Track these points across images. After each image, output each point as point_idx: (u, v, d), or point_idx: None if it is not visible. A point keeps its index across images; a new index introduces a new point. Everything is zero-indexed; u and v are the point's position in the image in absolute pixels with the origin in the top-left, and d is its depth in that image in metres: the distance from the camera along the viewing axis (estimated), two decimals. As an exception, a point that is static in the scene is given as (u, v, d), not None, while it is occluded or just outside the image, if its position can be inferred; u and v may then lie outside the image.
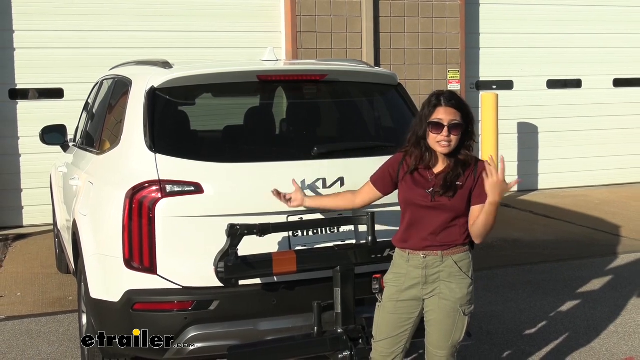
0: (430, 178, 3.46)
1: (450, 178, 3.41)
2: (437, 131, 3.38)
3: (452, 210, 3.40)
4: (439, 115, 3.38)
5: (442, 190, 3.40)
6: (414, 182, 3.48)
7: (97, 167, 4.62)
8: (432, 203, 3.42)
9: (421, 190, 3.45)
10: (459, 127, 3.39)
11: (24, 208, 9.30)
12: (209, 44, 9.67)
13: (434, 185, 3.43)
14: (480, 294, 6.02)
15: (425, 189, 3.44)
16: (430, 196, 3.42)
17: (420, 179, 3.48)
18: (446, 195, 3.40)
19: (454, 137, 3.38)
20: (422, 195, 3.44)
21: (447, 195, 3.40)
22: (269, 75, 4.45)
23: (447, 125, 3.36)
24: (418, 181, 3.48)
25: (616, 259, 7.46)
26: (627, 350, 5.05)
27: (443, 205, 3.40)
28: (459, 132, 3.39)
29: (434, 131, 3.39)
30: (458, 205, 3.41)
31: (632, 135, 12.07)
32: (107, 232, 4.00)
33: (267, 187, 3.99)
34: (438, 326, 3.46)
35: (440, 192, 3.40)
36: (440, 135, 3.38)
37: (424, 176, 3.48)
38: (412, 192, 3.47)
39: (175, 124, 4.27)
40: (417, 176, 3.49)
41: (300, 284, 3.96)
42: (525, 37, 11.33)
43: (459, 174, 3.42)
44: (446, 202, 3.40)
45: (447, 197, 3.40)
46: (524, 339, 5.27)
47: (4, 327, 5.65)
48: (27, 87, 9.23)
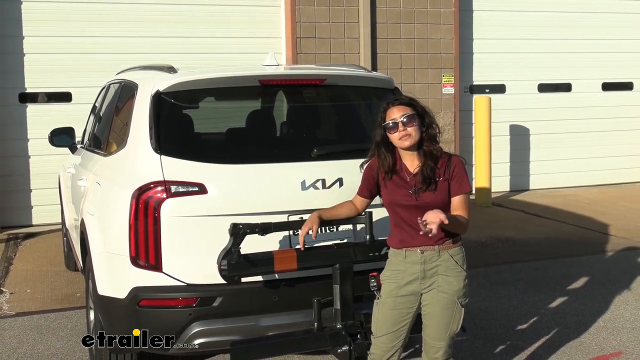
0: (408, 178, 3.49)
1: (426, 172, 3.43)
2: (394, 130, 3.44)
3: (436, 205, 3.40)
4: (392, 115, 3.45)
5: (424, 185, 3.43)
6: (395, 185, 3.51)
7: (104, 168, 4.62)
8: (417, 202, 3.44)
9: (404, 191, 3.47)
10: (412, 118, 3.43)
11: (33, 208, 9.29)
12: (212, 49, 9.66)
13: (414, 184, 3.45)
14: (474, 290, 6.02)
15: (407, 189, 3.45)
16: (413, 195, 3.44)
17: (400, 182, 3.51)
18: (429, 190, 3.42)
19: (411, 128, 3.42)
20: (405, 196, 3.46)
21: (429, 189, 3.42)
22: (270, 80, 4.45)
23: (400, 121, 3.41)
24: (398, 184, 3.51)
25: (605, 256, 7.47)
26: (616, 345, 5.05)
27: (427, 201, 3.42)
28: (414, 124, 3.43)
29: (392, 131, 3.45)
30: (441, 198, 3.43)
31: (620, 137, 12.08)
32: (114, 231, 4.00)
33: (269, 187, 4.00)
34: (437, 319, 3.47)
35: (423, 188, 3.43)
36: (398, 132, 3.42)
37: (402, 178, 3.51)
38: (396, 195, 3.50)
39: (179, 126, 4.27)
40: (396, 179, 3.52)
41: (301, 281, 3.97)
42: (517, 43, 11.33)
43: (432, 166, 3.44)
44: (430, 198, 3.42)
45: (430, 192, 3.42)
46: (516, 334, 5.27)
47: (14, 322, 5.64)
48: (36, 91, 9.23)
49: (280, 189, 4.01)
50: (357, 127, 4.74)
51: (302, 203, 4.04)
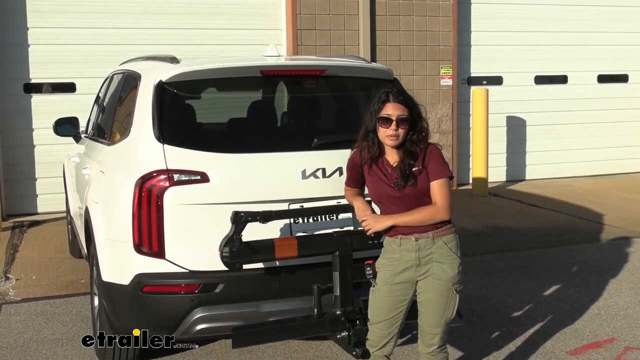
0: (390, 171, 3.49)
1: (404, 168, 3.43)
2: (386, 125, 3.43)
3: (420, 194, 3.42)
4: (388, 111, 3.43)
5: (403, 181, 3.43)
6: (378, 178, 3.51)
7: (107, 157, 4.62)
8: (401, 193, 3.44)
9: (386, 184, 3.48)
10: (406, 122, 3.44)
11: (39, 196, 9.29)
12: (214, 40, 9.64)
13: (395, 178, 3.45)
14: (471, 278, 6.03)
15: (389, 183, 3.46)
16: (397, 188, 3.44)
17: (381, 174, 3.51)
18: (408, 185, 3.42)
19: (402, 130, 3.43)
20: (390, 188, 3.47)
21: (409, 185, 3.42)
22: (271, 70, 4.44)
23: (395, 120, 3.41)
24: (380, 177, 3.51)
25: (599, 245, 7.47)
26: (610, 332, 5.06)
27: (410, 193, 3.43)
28: (406, 126, 3.44)
29: (383, 125, 3.44)
30: (424, 188, 3.43)
31: (615, 129, 12.07)
32: (117, 218, 4.00)
33: (270, 176, 4.00)
34: (432, 305, 3.47)
35: (402, 183, 3.42)
36: (389, 129, 3.42)
37: (383, 170, 3.51)
38: (380, 187, 3.50)
39: (182, 116, 4.26)
40: (377, 172, 3.52)
41: (301, 268, 3.97)
42: (514, 35, 11.31)
43: (409, 163, 3.44)
44: (412, 190, 3.43)
45: (410, 186, 3.42)
46: (512, 320, 5.28)
47: (20, 308, 5.66)
48: (41, 81, 9.21)
49: (281, 178, 4.01)
50: (356, 117, 4.72)
51: (302, 192, 4.04)
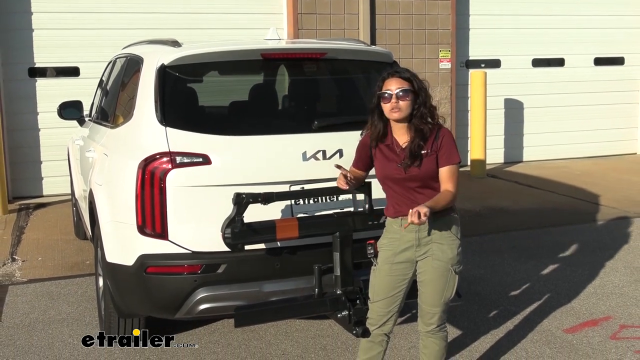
0: (398, 151, 3.45)
1: (412, 148, 3.39)
2: (387, 100, 3.39)
3: (426, 177, 3.39)
4: (388, 86, 3.40)
5: (410, 161, 3.39)
6: (386, 158, 3.48)
7: (111, 140, 4.60)
8: (406, 175, 3.41)
9: (394, 164, 3.44)
10: (407, 94, 3.37)
11: (44, 179, 9.28)
12: (215, 25, 9.60)
13: (403, 158, 3.42)
14: (469, 258, 6.03)
15: (397, 162, 3.43)
16: (402, 169, 3.41)
17: (390, 154, 3.47)
18: (413, 165, 3.39)
19: (403, 102, 3.37)
20: (396, 169, 3.43)
21: (414, 165, 3.39)
22: (272, 54, 4.41)
23: (394, 93, 3.36)
24: (389, 157, 3.47)
25: (596, 225, 7.47)
26: (605, 310, 5.06)
27: (415, 175, 3.40)
28: (407, 99, 3.37)
29: (385, 101, 3.40)
30: (430, 171, 3.40)
31: (612, 111, 12.04)
32: (121, 200, 3.99)
33: (271, 158, 3.98)
34: (432, 285, 3.46)
35: (408, 163, 3.39)
36: (390, 103, 3.37)
37: (392, 151, 3.47)
38: (387, 168, 3.47)
39: (184, 99, 4.24)
40: (386, 152, 3.49)
41: (302, 248, 3.97)
42: (512, 19, 11.24)
43: (419, 144, 3.39)
44: (416, 171, 3.39)
45: (416, 167, 3.39)
46: (509, 299, 5.28)
47: (27, 289, 5.66)
48: (45, 65, 9.17)
49: (282, 160, 3.99)
50: (356, 99, 4.71)
51: (303, 173, 4.02)
